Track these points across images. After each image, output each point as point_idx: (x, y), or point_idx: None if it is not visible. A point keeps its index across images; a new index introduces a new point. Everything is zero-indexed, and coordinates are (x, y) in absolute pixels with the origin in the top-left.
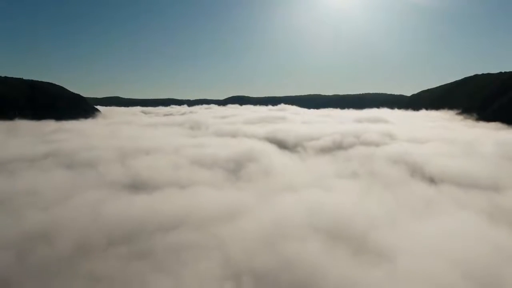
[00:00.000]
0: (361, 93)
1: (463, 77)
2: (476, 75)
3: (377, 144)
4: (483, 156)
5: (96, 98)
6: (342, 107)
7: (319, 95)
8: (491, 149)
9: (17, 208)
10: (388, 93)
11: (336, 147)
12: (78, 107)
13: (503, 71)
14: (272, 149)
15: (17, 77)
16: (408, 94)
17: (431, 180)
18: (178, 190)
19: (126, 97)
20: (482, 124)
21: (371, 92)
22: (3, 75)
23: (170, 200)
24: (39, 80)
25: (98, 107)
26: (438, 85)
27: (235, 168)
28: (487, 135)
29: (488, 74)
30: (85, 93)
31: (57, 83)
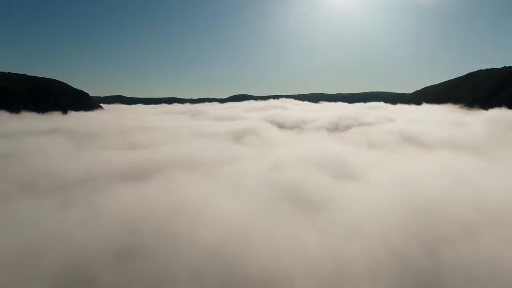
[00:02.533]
0: (364, 91)
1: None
2: (480, 71)
3: (375, 124)
4: (472, 129)
5: (99, 97)
6: None
7: (322, 93)
8: (481, 124)
9: (23, 159)
10: (392, 91)
11: (334, 127)
12: (81, 103)
13: (507, 66)
14: (271, 127)
15: (20, 73)
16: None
17: (424, 145)
18: (176, 145)
19: (129, 96)
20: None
21: (374, 90)
22: (6, 71)
23: (168, 152)
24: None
25: (101, 104)
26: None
27: (235, 139)
28: (482, 117)
29: (492, 69)
30: (87, 92)
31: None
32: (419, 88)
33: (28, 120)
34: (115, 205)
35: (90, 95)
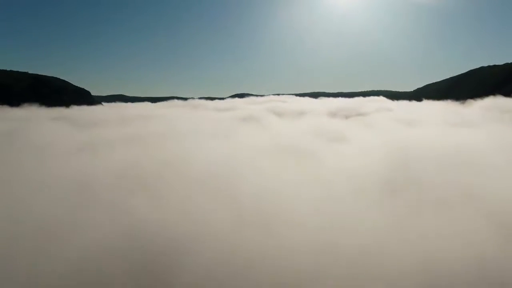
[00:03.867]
0: (365, 90)
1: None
2: (481, 67)
3: (373, 114)
4: (466, 112)
5: (100, 96)
6: None
7: (324, 92)
8: (475, 108)
9: (28, 135)
10: (393, 90)
11: (333, 116)
12: (82, 100)
13: (509, 62)
14: (271, 115)
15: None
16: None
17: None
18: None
19: (130, 95)
20: None
21: (375, 89)
22: (8, 69)
23: (166, 126)
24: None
25: (102, 103)
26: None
27: (235, 123)
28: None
29: (494, 65)
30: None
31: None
32: (420, 86)
33: (31, 110)
34: (115, 155)
35: (91, 94)
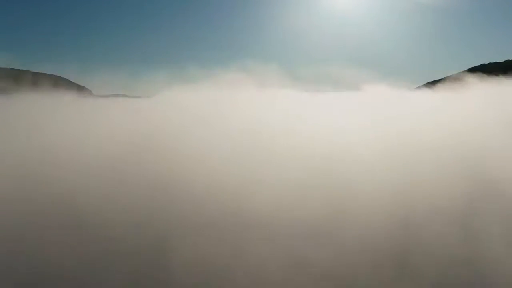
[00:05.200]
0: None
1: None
2: (483, 65)
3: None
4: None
5: (102, 95)
6: None
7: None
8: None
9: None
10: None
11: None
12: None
13: (510, 59)
14: None
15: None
16: None
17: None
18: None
19: (131, 95)
20: None
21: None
22: (9, 67)
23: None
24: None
25: None
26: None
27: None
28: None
29: (496, 63)
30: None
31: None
32: (420, 85)
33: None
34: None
35: (93, 93)
